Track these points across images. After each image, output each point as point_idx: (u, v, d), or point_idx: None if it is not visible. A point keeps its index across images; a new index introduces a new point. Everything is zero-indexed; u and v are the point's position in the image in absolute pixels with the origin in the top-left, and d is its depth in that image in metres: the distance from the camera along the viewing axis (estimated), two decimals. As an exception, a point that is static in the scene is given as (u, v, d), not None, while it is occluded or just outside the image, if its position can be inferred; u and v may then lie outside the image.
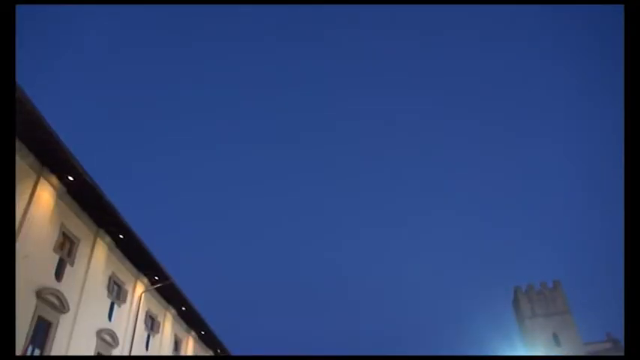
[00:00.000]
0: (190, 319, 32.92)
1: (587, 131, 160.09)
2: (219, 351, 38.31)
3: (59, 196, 19.55)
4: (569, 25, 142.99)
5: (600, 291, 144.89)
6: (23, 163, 17.49)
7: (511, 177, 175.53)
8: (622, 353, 43.47)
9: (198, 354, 35.03)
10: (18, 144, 16.75)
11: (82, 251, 21.38)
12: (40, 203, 18.27)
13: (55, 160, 18.49)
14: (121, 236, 23.68)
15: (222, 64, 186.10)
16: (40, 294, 18.07)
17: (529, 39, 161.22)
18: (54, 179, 19.04)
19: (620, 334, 49.33)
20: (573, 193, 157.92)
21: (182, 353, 31.95)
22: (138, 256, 25.58)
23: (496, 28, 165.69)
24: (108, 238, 23.36)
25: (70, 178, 19.37)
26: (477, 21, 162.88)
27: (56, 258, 19.61)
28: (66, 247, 20.56)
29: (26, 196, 17.48)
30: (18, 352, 16.12)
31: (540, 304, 48.09)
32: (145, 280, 27.30)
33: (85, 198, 20.84)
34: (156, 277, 27.44)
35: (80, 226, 21.46)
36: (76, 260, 20.86)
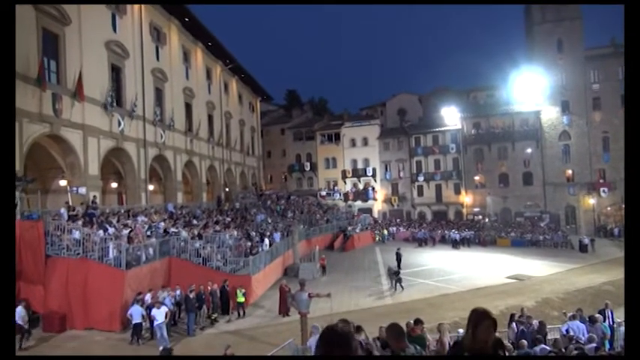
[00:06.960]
0: (196, 31, 32.82)
1: None
2: (227, 61, 39.75)
3: None
4: None
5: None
6: None
7: None
8: (620, 58, 42.66)
9: (207, 65, 36.55)
10: None
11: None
12: None
13: None
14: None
15: None
16: (36, 6, 17.63)
17: None
18: None
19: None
20: None
21: (192, 64, 33.31)
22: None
23: None
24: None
25: None
26: None
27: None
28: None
29: None
30: (34, 65, 16.90)
31: (552, 8, 47.00)
32: (141, -11, 25.91)
33: None
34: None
35: None
36: (61, -33, 19.33)
